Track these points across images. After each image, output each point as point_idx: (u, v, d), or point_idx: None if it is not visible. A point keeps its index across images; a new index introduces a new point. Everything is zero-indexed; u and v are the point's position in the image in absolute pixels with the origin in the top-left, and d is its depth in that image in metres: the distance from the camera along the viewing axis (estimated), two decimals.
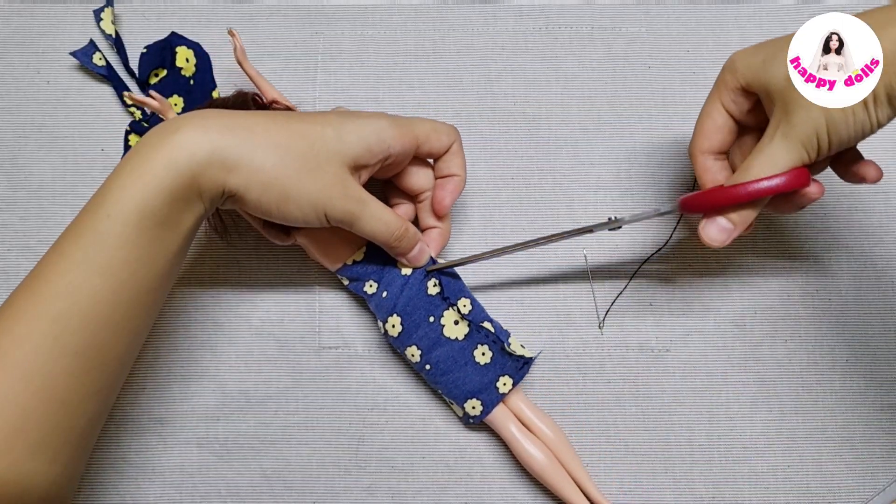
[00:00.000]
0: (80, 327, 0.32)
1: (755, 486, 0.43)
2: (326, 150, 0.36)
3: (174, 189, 0.33)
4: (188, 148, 0.33)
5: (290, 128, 0.36)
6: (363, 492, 0.44)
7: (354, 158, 0.36)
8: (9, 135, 0.47)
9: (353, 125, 0.36)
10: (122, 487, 0.44)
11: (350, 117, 0.37)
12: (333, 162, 0.36)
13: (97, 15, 0.46)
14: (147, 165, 0.33)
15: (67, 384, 0.32)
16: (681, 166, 0.46)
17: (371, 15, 0.48)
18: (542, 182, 0.46)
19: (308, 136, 0.35)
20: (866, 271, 0.45)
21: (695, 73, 0.47)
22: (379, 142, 0.37)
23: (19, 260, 0.45)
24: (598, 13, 0.48)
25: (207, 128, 0.34)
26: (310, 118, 0.37)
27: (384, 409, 0.44)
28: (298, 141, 0.35)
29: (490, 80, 0.47)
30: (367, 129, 0.37)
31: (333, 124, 0.36)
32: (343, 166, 0.36)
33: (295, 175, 0.35)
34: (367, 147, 0.36)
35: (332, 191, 0.36)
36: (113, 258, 0.32)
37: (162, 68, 0.45)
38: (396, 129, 0.37)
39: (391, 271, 0.42)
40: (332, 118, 0.37)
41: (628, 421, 0.44)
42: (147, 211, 0.33)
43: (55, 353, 0.31)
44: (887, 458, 0.44)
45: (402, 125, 0.38)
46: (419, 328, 0.41)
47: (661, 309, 0.45)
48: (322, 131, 0.36)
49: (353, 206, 0.37)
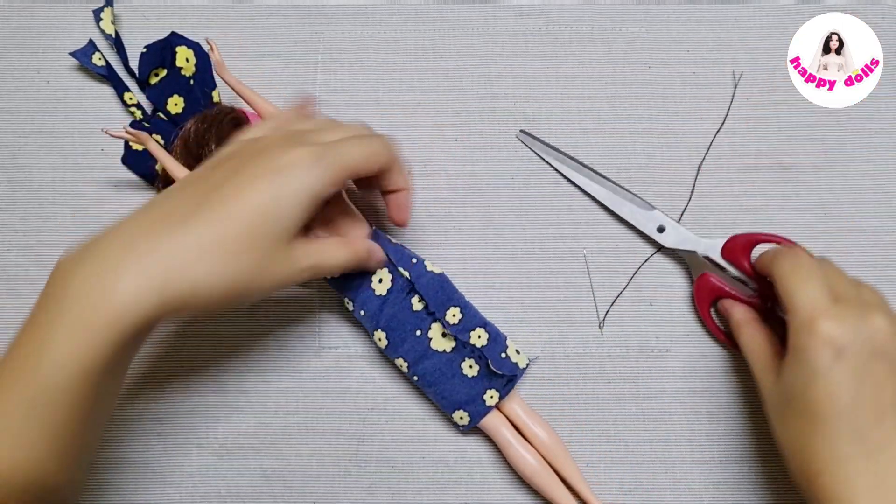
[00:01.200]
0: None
1: (755, 486, 0.43)
2: (266, 230, 0.33)
3: (120, 342, 0.31)
4: (133, 303, 0.30)
5: (229, 215, 0.32)
6: (363, 492, 0.44)
7: (296, 226, 0.34)
8: (9, 135, 0.47)
9: (283, 183, 0.33)
10: (122, 487, 0.44)
11: (276, 172, 0.33)
12: (280, 239, 0.34)
13: (97, 15, 0.46)
14: (86, 322, 0.30)
15: None
16: (681, 166, 0.46)
17: (371, 15, 0.48)
18: (542, 182, 0.46)
19: (246, 217, 0.33)
20: (866, 271, 0.45)
21: (695, 73, 0.47)
22: (312, 197, 0.34)
23: (19, 260, 0.45)
24: (598, 13, 0.48)
25: (149, 270, 0.31)
26: (238, 184, 0.33)
27: (384, 409, 0.44)
28: (241, 233, 0.32)
29: (490, 80, 0.47)
30: (299, 186, 0.33)
31: (265, 190, 0.33)
32: (289, 238, 0.34)
33: (248, 277, 0.33)
34: (303, 208, 0.34)
35: (286, 269, 0.34)
36: (56, 416, 0.31)
37: (162, 68, 0.45)
38: (328, 173, 0.34)
39: (365, 291, 0.41)
40: (261, 180, 0.33)
41: (628, 421, 0.44)
42: (92, 368, 0.30)
43: None
44: None
45: (331, 164, 0.35)
46: (405, 342, 0.41)
47: (661, 309, 0.45)
48: (258, 203, 0.33)
49: (312, 264, 0.36)
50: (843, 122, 0.46)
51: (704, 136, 0.46)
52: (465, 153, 0.46)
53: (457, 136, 0.47)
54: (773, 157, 0.46)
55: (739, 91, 0.47)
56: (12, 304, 0.45)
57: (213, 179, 0.34)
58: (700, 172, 0.46)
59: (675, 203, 0.46)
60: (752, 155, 0.46)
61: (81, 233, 0.45)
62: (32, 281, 0.45)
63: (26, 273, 0.45)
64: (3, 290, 0.45)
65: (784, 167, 0.46)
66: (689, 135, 0.46)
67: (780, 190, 0.46)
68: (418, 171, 0.46)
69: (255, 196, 0.33)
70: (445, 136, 0.47)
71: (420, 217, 0.46)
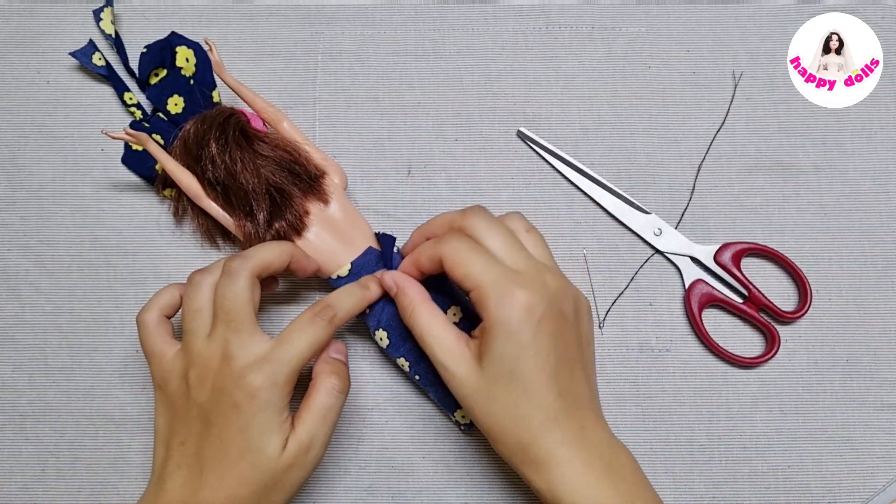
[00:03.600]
0: None
1: (755, 486, 0.43)
2: (257, 450, 0.35)
3: None
4: None
5: (221, 437, 0.35)
6: (363, 492, 0.44)
7: (281, 408, 0.35)
8: (9, 135, 0.47)
9: (254, 381, 0.34)
10: (121, 487, 0.44)
11: (243, 372, 0.35)
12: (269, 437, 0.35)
13: (97, 15, 0.46)
14: None
15: None
16: (681, 166, 0.46)
17: (371, 15, 0.48)
18: (542, 182, 0.46)
19: (232, 432, 0.35)
20: (866, 271, 0.45)
21: (695, 73, 0.47)
22: (294, 372, 0.35)
23: (19, 260, 0.45)
24: (598, 13, 0.48)
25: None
26: (224, 405, 0.35)
27: (384, 409, 0.44)
28: (236, 454, 0.35)
29: (490, 80, 0.47)
30: (275, 369, 0.35)
31: (243, 406, 0.35)
32: (276, 413, 0.35)
33: (258, 489, 0.35)
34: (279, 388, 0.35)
35: (279, 431, 0.35)
36: None
37: (162, 68, 0.45)
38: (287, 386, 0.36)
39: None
40: (241, 397, 0.34)
41: (628, 421, 0.44)
42: None
43: None
44: (887, 458, 0.44)
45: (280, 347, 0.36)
46: (406, 341, 0.41)
47: (660, 309, 0.45)
48: (240, 417, 0.35)
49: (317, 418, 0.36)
50: (843, 122, 0.46)
51: (704, 136, 0.46)
52: (465, 153, 0.46)
53: (457, 136, 0.47)
54: (773, 157, 0.46)
55: (739, 91, 0.47)
56: (12, 304, 0.45)
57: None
58: (700, 172, 0.46)
59: (675, 203, 0.46)
60: (752, 155, 0.46)
61: (81, 233, 0.45)
62: (32, 281, 0.45)
63: (26, 273, 0.45)
64: (3, 290, 0.45)
65: (784, 167, 0.46)
66: (689, 135, 0.46)
67: (780, 190, 0.46)
68: (418, 171, 0.46)
69: (237, 414, 0.35)
70: (445, 136, 0.47)
71: (420, 217, 0.46)
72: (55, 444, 0.44)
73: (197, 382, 0.36)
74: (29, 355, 0.44)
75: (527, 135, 0.46)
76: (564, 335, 0.36)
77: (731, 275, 0.44)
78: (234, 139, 0.41)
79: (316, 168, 0.43)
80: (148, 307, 0.38)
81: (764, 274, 0.45)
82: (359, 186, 0.46)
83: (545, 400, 0.35)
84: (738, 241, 0.44)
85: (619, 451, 0.36)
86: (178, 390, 0.36)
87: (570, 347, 0.36)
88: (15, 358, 0.44)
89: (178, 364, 0.37)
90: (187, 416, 0.36)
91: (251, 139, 0.42)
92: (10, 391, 0.44)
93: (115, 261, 0.45)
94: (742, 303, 0.44)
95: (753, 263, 0.45)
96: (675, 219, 0.46)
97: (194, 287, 0.37)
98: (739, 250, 0.44)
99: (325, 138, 0.46)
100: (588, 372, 0.38)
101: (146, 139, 0.41)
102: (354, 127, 0.47)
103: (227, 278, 0.36)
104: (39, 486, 0.44)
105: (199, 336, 0.36)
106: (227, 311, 0.35)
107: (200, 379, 0.35)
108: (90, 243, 0.45)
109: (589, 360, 0.38)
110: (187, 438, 0.36)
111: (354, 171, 0.46)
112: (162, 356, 0.37)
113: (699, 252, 0.44)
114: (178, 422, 0.36)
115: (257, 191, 0.41)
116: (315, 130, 0.47)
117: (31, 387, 0.44)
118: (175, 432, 0.36)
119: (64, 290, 0.45)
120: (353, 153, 0.46)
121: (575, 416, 0.35)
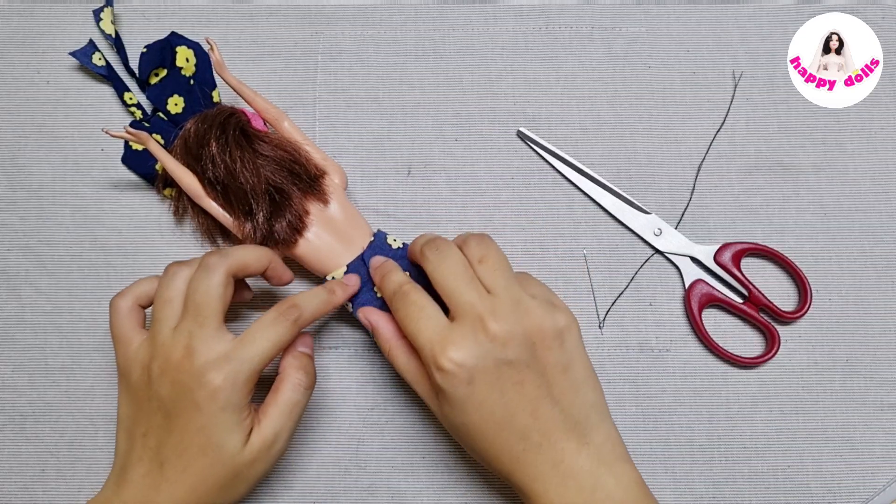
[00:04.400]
0: None
1: (755, 486, 0.43)
2: (231, 457, 0.35)
3: None
4: None
5: (182, 433, 0.35)
6: (363, 492, 0.44)
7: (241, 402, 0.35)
8: (9, 135, 0.47)
9: (214, 381, 0.35)
10: None
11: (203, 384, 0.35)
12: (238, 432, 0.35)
13: (97, 15, 0.46)
14: None
15: None
16: (681, 167, 0.46)
17: (371, 15, 0.48)
18: (542, 182, 0.46)
19: (192, 430, 0.35)
20: (866, 271, 0.45)
21: (695, 73, 0.47)
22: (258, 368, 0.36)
23: (19, 260, 0.45)
24: (598, 13, 0.48)
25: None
26: (191, 409, 0.35)
27: (384, 409, 0.44)
28: (197, 450, 0.35)
29: (490, 80, 0.47)
30: (243, 359, 0.35)
31: (203, 405, 0.35)
32: (236, 412, 0.35)
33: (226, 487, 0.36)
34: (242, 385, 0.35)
35: (244, 426, 0.36)
36: None
37: (162, 68, 0.45)
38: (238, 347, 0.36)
39: (365, 292, 0.41)
40: (202, 396, 0.35)
41: (628, 421, 0.44)
42: None
43: None
44: (887, 458, 0.44)
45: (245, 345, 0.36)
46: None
47: (660, 309, 0.45)
48: (201, 415, 0.35)
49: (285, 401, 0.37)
50: (843, 122, 0.46)
51: (704, 136, 0.46)
52: (465, 153, 0.46)
53: (457, 136, 0.47)
54: (773, 157, 0.46)
55: (739, 91, 0.47)
56: (12, 304, 0.45)
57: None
58: (700, 172, 0.46)
59: (675, 203, 0.46)
60: (752, 155, 0.46)
61: (81, 233, 0.45)
62: (32, 281, 0.45)
63: (26, 273, 0.45)
64: (3, 290, 0.45)
65: (784, 167, 0.46)
66: (689, 135, 0.46)
67: (780, 190, 0.46)
68: (418, 171, 0.46)
69: (211, 428, 0.35)
70: (445, 136, 0.47)
71: (420, 217, 0.46)
72: (55, 444, 0.44)
73: (159, 374, 0.35)
74: (29, 355, 0.44)
75: (527, 135, 0.46)
76: (513, 379, 0.35)
77: (731, 275, 0.44)
78: (235, 138, 0.41)
79: (316, 168, 0.43)
80: (123, 293, 0.38)
81: (764, 274, 0.45)
82: (359, 186, 0.46)
83: (505, 444, 0.35)
84: (738, 241, 0.45)
85: (606, 478, 0.35)
86: (140, 380, 0.36)
87: (525, 388, 0.35)
88: (15, 358, 0.44)
89: (141, 353, 0.37)
90: (149, 407, 0.36)
91: (251, 139, 0.42)
92: (10, 391, 0.44)
93: (115, 261, 0.45)
94: (742, 303, 0.44)
95: (753, 263, 0.45)
96: (675, 219, 0.46)
97: (169, 277, 0.37)
98: (739, 250, 0.44)
99: (325, 138, 0.46)
100: (566, 400, 0.36)
101: (147, 138, 0.41)
102: (354, 127, 0.47)
103: (202, 272, 0.36)
104: (39, 486, 0.44)
105: (166, 326, 0.36)
106: (196, 303, 0.35)
107: (162, 371, 0.35)
108: (90, 243, 0.45)
109: (566, 386, 0.36)
110: (149, 430, 0.36)
111: (354, 171, 0.46)
112: (128, 343, 0.37)
113: (699, 252, 0.44)
114: (140, 413, 0.37)
115: (257, 190, 0.41)
116: (315, 130, 0.47)
117: (31, 387, 0.44)
118: (137, 422, 0.37)
119: (64, 290, 0.45)
120: (353, 153, 0.46)
121: (546, 453, 0.35)
